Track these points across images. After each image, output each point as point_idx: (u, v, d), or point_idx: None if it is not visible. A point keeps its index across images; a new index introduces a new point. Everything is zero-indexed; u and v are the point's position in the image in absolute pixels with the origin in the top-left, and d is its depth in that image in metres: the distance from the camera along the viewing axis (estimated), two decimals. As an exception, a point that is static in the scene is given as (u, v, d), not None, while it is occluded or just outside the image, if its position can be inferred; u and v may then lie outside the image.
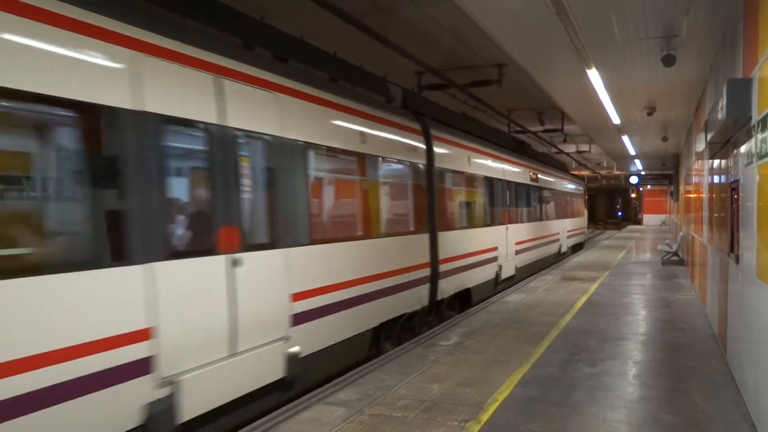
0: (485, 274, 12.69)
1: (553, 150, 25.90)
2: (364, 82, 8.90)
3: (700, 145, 9.42)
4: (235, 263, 5.38)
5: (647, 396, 5.83)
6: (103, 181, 4.28)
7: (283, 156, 6.20)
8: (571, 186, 26.31)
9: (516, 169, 15.97)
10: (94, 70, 4.21)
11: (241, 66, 5.74)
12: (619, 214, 65.16)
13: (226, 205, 5.36)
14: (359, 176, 7.82)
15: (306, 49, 7.62)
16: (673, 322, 9.36)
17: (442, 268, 10.18)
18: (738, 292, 6.04)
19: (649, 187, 45.58)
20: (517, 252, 15.37)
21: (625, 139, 18.80)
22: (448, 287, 10.49)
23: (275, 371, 5.88)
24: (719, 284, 7.80)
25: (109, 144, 4.36)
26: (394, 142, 8.79)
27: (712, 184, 9.31)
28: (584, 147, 27.60)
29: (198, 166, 5.37)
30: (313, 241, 6.59)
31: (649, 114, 12.97)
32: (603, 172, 46.73)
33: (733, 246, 6.47)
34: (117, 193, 4.35)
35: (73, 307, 3.97)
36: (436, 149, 10.26)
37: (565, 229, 23.41)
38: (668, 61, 7.94)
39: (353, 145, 7.59)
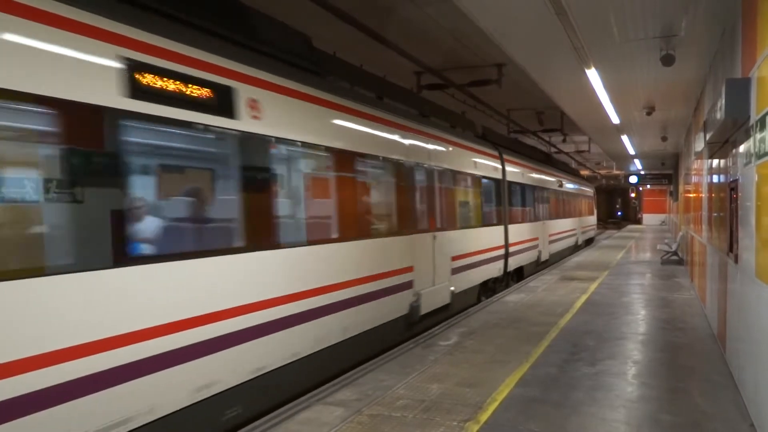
0: (532, 256, 17.07)
1: (553, 150, 25.90)
2: (461, 121, 12.97)
3: (699, 145, 9.42)
4: (434, 239, 9.96)
5: (646, 396, 5.83)
6: None
7: (460, 179, 11.44)
8: (586, 189, 31.23)
9: (550, 179, 20.81)
10: None
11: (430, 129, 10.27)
12: (619, 213, 65.18)
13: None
14: (477, 189, 12.54)
15: (438, 108, 11.91)
16: (672, 321, 9.37)
17: (510, 249, 14.57)
18: (737, 292, 6.04)
19: (648, 186, 45.58)
20: (550, 242, 19.89)
21: (625, 138, 18.80)
22: (512, 263, 14.77)
23: (446, 298, 10.37)
24: (718, 284, 7.80)
25: None
26: (489, 165, 13.41)
27: (711, 184, 9.31)
28: (583, 147, 27.60)
29: None
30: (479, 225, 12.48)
31: (649, 114, 12.97)
32: (602, 172, 46.72)
33: (732, 245, 6.47)
34: None
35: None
36: (507, 167, 14.83)
37: (581, 225, 27.65)
38: (667, 60, 7.94)
39: (474, 169, 12.34)
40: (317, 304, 6.58)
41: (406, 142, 9.08)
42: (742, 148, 5.70)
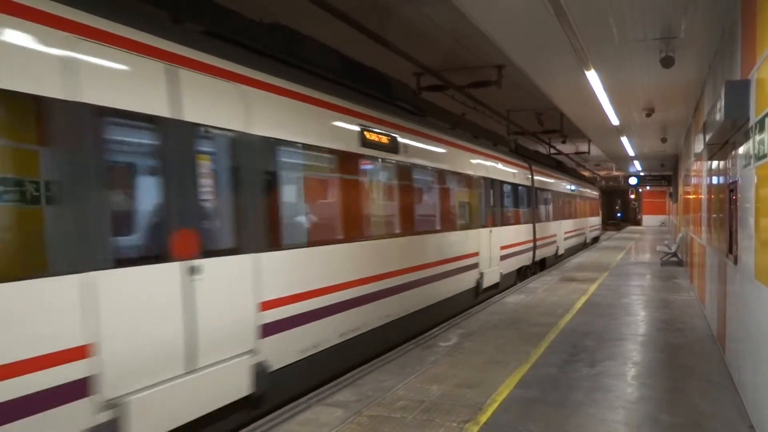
0: (552, 249, 20.39)
1: (552, 151, 25.90)
2: (500, 140, 16.71)
3: (699, 146, 9.43)
4: (491, 233, 13.21)
5: (646, 396, 5.83)
6: None
7: (496, 185, 13.73)
8: (593, 193, 34.93)
9: (565, 184, 24.05)
10: None
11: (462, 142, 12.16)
12: (618, 215, 65.18)
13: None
14: (516, 194, 15.77)
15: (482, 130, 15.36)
16: (671, 322, 9.37)
17: (537, 243, 17.74)
18: (737, 293, 6.04)
19: (648, 188, 45.65)
20: (565, 239, 22.94)
21: (624, 140, 18.82)
22: (538, 254, 17.96)
23: (497, 278, 13.50)
24: (718, 285, 7.80)
25: None
26: (522, 175, 16.44)
27: (710, 185, 9.32)
28: (583, 148, 27.60)
29: None
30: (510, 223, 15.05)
31: (648, 115, 12.98)
32: (602, 173, 46.73)
33: (731, 247, 6.48)
34: None
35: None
36: (534, 176, 17.93)
37: (588, 225, 31.34)
38: (667, 62, 7.95)
39: (513, 178, 15.36)
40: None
41: (488, 164, 13.31)
42: (741, 150, 5.71)
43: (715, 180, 8.56)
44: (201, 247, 4.83)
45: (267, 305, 5.66)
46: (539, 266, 18.61)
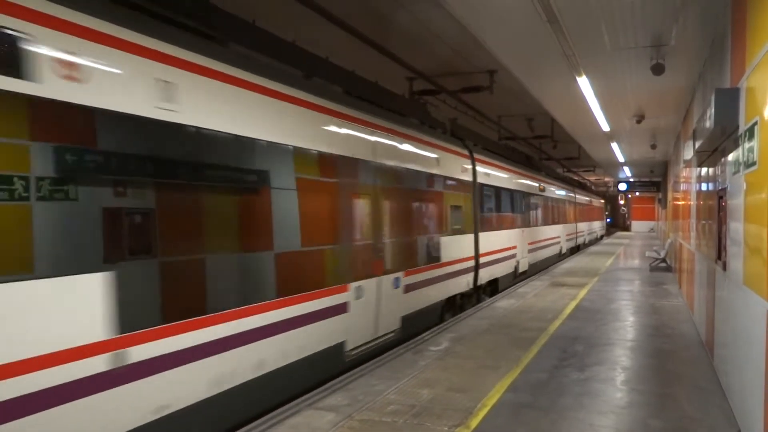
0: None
1: (543, 156, 26.04)
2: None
3: (688, 153, 9.51)
4: (523, 232, 17.38)
5: (635, 401, 5.86)
6: None
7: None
8: (599, 201, 41.45)
9: (584, 197, 30.01)
10: None
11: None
12: (608, 220, 65.55)
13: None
14: (547, 203, 20.58)
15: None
16: (660, 328, 9.43)
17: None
18: (725, 299, 6.09)
19: (637, 194, 45.91)
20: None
21: (614, 146, 18.94)
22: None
23: (527, 266, 17.43)
24: (707, 291, 7.86)
25: None
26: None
27: (699, 192, 9.40)
28: (573, 153, 27.78)
29: None
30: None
31: (638, 122, 13.08)
32: (592, 179, 46.96)
33: (720, 253, 6.53)
34: None
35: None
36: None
37: (593, 228, 37.53)
38: (657, 69, 8.02)
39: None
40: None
41: (535, 184, 17.49)
42: (731, 157, 5.76)
43: (704, 186, 8.63)
44: None
45: None
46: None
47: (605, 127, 14.51)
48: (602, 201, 46.97)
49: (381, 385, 6.39)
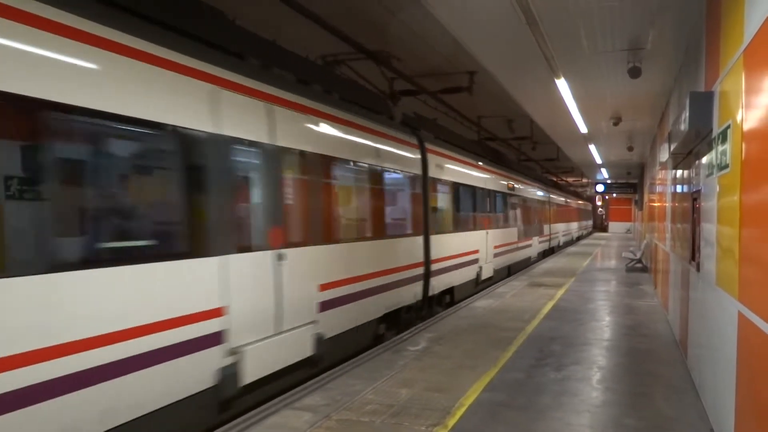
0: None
1: (522, 157, 26.24)
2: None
3: (664, 155, 9.65)
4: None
5: (610, 401, 5.94)
6: None
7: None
8: (588, 206, 49.37)
9: (560, 197, 32.99)
10: None
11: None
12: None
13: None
14: (534, 206, 23.79)
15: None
16: (636, 328, 9.55)
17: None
18: (698, 299, 6.19)
19: (614, 195, 46.44)
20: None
21: (592, 147, 19.15)
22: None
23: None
24: (681, 291, 7.99)
25: None
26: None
27: (674, 194, 9.54)
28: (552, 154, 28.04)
29: None
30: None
31: (615, 124, 13.25)
32: (570, 180, 47.43)
33: (694, 254, 6.64)
34: None
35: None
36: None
37: (582, 226, 45.44)
38: (634, 72, 8.13)
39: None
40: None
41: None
42: (704, 160, 5.86)
43: (679, 188, 8.77)
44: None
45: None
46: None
47: (583, 128, 14.66)
48: (580, 202, 47.66)
49: (359, 384, 6.39)
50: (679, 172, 8.72)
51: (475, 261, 14.44)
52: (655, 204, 15.25)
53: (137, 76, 4.79)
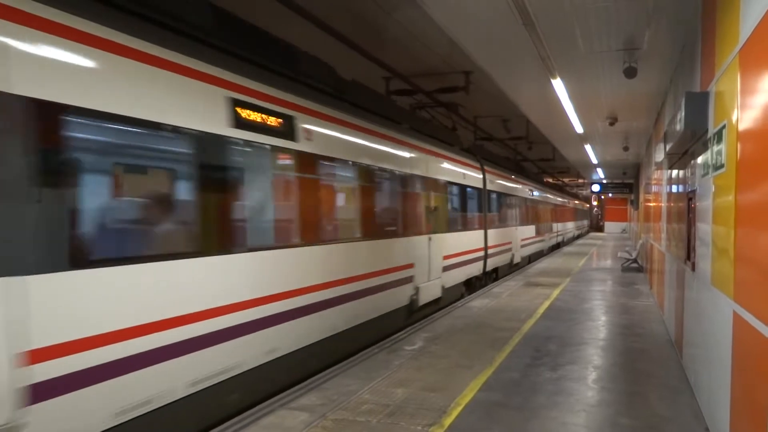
0: (548, 243, 24.50)
1: (518, 157, 26.27)
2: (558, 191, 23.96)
3: (659, 156, 9.67)
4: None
5: (606, 400, 5.95)
6: None
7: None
8: (584, 206, 52.03)
9: (575, 203, 40.82)
10: None
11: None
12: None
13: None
14: (564, 210, 33.84)
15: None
16: (632, 327, 9.57)
17: (560, 233, 28.35)
18: (694, 299, 6.21)
19: (610, 195, 46.52)
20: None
21: (588, 148, 19.18)
22: (560, 240, 26.36)
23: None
24: (676, 291, 8.00)
25: None
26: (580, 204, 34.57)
27: (670, 194, 9.56)
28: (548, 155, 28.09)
29: None
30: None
31: (611, 124, 13.27)
32: (566, 180, 47.54)
33: (689, 254, 6.65)
34: None
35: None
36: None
37: (577, 226, 46.66)
38: (630, 73, 8.14)
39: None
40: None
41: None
42: (700, 160, 5.87)
43: (674, 188, 8.79)
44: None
45: None
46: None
47: (579, 129, 14.68)
48: (577, 201, 47.77)
49: (355, 384, 6.39)
50: (674, 172, 8.74)
51: (509, 249, 19.05)
52: (651, 204, 15.28)
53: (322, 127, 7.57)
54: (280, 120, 6.35)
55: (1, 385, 3.54)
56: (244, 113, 5.76)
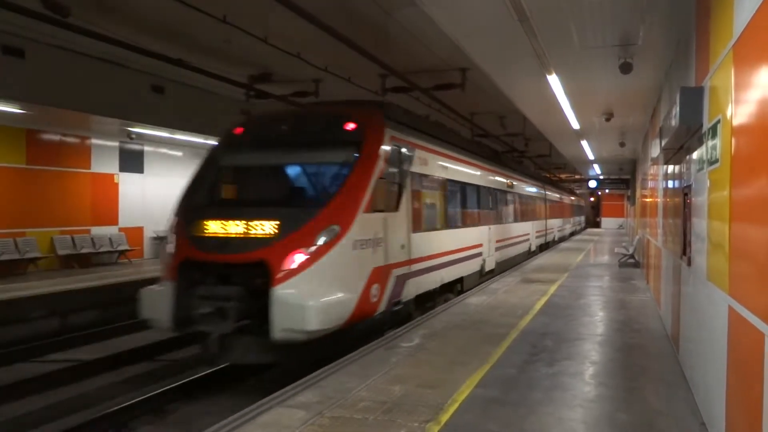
0: (558, 234, 33.20)
1: (515, 154, 26.30)
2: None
3: (655, 151, 9.68)
4: (546, 221, 29.67)
5: (603, 395, 5.96)
6: None
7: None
8: (582, 202, 56.14)
9: (572, 199, 44.32)
10: None
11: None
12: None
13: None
14: (569, 208, 42.56)
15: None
16: (628, 323, 9.59)
17: (555, 229, 32.98)
18: (690, 294, 6.22)
19: (607, 191, 46.64)
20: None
21: (584, 143, 19.22)
22: (562, 234, 34.79)
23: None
24: (672, 286, 8.02)
25: None
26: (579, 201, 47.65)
27: (666, 189, 9.58)
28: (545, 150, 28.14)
29: None
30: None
31: (607, 120, 13.29)
32: (563, 176, 47.60)
33: (685, 249, 6.66)
34: None
35: None
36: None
37: (576, 221, 48.98)
38: (625, 68, 8.15)
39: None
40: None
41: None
42: (695, 155, 5.88)
43: (670, 184, 8.80)
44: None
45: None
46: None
47: (575, 124, 14.70)
48: (573, 198, 47.54)
49: (352, 382, 6.39)
50: (670, 168, 8.75)
51: (536, 237, 25.33)
52: (647, 199, 15.31)
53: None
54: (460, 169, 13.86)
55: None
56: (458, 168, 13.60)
